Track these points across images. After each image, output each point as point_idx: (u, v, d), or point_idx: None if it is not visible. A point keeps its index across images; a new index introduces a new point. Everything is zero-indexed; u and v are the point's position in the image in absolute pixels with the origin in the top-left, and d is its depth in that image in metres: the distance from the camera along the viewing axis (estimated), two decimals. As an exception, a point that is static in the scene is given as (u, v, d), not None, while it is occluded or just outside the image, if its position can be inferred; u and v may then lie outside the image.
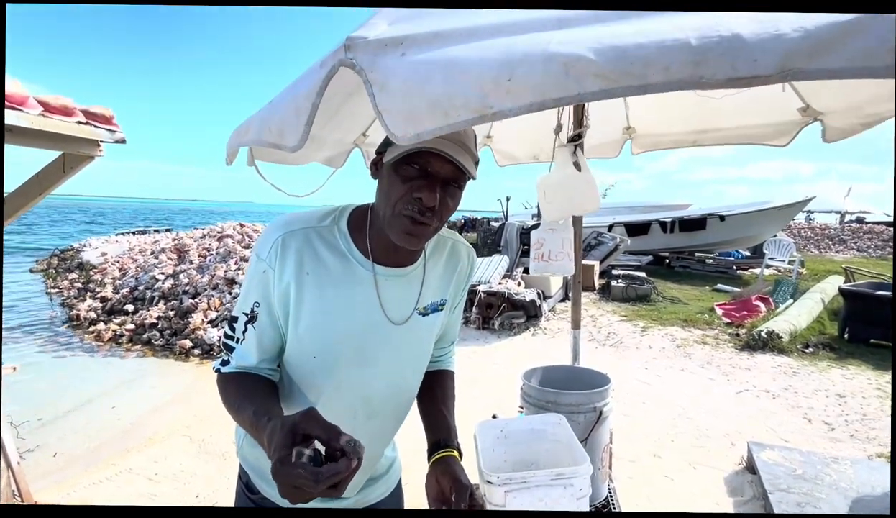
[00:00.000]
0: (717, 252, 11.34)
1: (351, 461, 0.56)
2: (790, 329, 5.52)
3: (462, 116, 0.55)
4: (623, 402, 3.90)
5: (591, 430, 1.76)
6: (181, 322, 5.72)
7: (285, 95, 0.71)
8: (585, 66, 0.49)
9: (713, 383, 4.47)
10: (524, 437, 1.42)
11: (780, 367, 4.88)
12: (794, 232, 19.85)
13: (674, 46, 0.47)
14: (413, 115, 0.57)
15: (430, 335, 0.95)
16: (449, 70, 0.55)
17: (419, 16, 0.68)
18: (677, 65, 0.47)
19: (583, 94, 0.50)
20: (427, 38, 0.59)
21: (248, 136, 0.81)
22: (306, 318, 0.81)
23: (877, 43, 0.42)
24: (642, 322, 6.44)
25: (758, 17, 0.46)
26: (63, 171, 2.25)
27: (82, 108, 2.06)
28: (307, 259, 0.80)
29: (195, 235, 8.46)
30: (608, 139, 2.34)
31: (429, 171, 0.75)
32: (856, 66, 0.44)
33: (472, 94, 0.53)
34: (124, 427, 3.58)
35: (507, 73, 0.52)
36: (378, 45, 0.60)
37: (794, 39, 0.44)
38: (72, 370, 4.87)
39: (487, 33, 0.56)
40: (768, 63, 0.44)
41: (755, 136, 1.93)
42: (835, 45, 0.44)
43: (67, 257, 11.50)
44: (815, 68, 0.45)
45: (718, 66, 0.46)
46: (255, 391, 0.80)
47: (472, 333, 5.99)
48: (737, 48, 0.45)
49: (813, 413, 3.84)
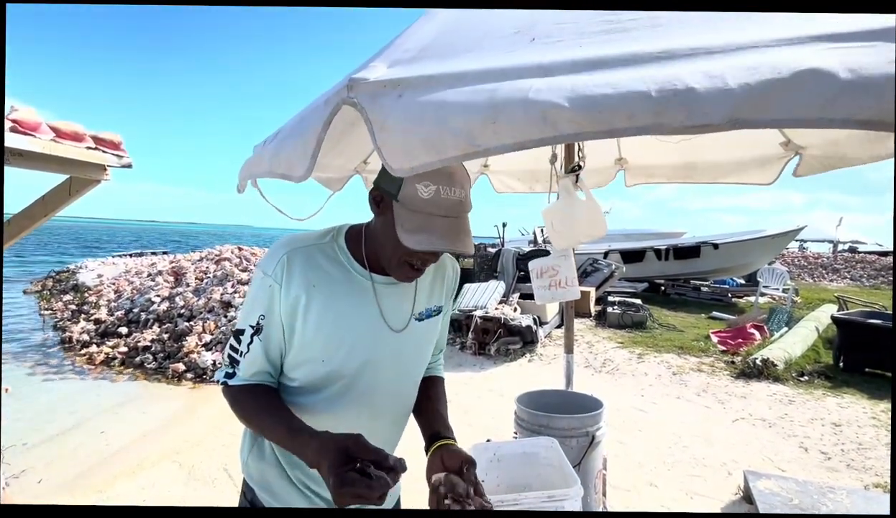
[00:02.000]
0: (712, 280, 11.42)
1: (398, 474, 0.71)
2: (785, 357, 5.53)
3: (452, 153, 0.61)
4: (619, 430, 3.87)
5: (584, 455, 1.77)
6: (175, 345, 5.68)
7: (293, 130, 0.78)
8: (560, 113, 0.56)
9: (709, 411, 4.45)
10: (517, 460, 1.43)
11: (775, 395, 4.87)
12: (788, 260, 20.07)
13: (637, 97, 0.54)
14: (409, 151, 0.63)
15: (428, 339, 1.02)
16: (441, 112, 0.61)
17: (416, 59, 0.75)
18: (640, 113, 0.54)
19: (558, 136, 0.57)
20: (421, 81, 0.66)
21: (260, 169, 0.88)
22: (315, 324, 0.87)
23: (810, 99, 0.49)
24: (638, 349, 6.44)
25: (710, 71, 0.53)
26: (69, 193, 2.30)
27: (92, 133, 2.14)
28: (312, 272, 0.87)
29: (193, 258, 8.48)
30: (600, 168, 2.43)
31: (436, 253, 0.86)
32: (793, 117, 0.51)
33: (461, 134, 0.60)
34: (112, 452, 3.51)
35: (492, 116, 0.58)
36: (377, 86, 0.67)
37: (741, 94, 0.51)
38: (61, 393, 4.79)
39: (476, 78, 0.63)
40: (718, 114, 0.51)
41: (743, 173, 2.02)
42: (775, 99, 0.51)
43: (63, 279, 11.44)
44: (759, 119, 0.51)
45: (675, 115, 0.53)
46: (276, 405, 0.87)
47: (468, 359, 5.96)
48: (691, 100, 0.52)
49: (809, 442, 3.82)
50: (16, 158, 1.89)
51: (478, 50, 0.73)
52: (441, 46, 0.79)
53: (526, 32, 0.74)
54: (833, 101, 0.48)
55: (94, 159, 2.13)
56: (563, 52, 0.66)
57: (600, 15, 0.75)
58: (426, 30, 0.85)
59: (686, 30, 0.64)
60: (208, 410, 4.27)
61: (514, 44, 0.74)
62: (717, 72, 0.53)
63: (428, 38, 0.81)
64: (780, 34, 0.56)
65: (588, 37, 0.70)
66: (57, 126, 1.98)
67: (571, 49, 0.64)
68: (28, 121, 1.86)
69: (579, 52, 0.64)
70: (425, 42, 0.80)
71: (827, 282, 17.41)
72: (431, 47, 0.78)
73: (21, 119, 1.83)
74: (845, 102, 0.47)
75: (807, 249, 26.50)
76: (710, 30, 0.65)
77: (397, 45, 0.80)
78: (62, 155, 1.96)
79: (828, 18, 0.61)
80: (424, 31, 0.85)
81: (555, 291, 2.04)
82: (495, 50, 0.72)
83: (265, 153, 0.87)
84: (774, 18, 0.63)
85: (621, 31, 0.69)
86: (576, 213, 1.94)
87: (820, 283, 16.84)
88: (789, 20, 0.62)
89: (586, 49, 0.65)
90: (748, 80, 0.51)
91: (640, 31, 0.68)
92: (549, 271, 2.07)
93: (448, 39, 0.80)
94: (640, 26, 0.69)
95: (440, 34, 0.84)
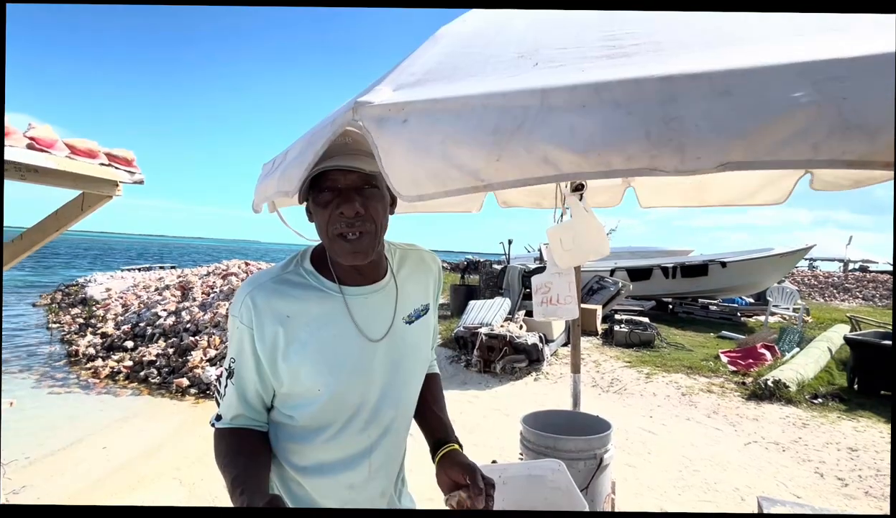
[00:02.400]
0: (721, 298, 11.28)
1: None
2: (797, 378, 5.40)
3: (457, 186, 0.64)
4: (628, 452, 3.78)
5: (592, 479, 1.73)
6: (180, 360, 5.68)
7: (302, 151, 0.80)
8: (561, 155, 0.59)
9: (720, 434, 4.34)
10: (522, 483, 1.40)
11: (788, 417, 4.74)
12: (798, 279, 19.79)
13: (634, 142, 0.57)
14: (416, 181, 0.66)
15: (422, 339, 1.00)
16: (445, 146, 0.63)
17: (420, 82, 0.76)
18: (637, 156, 0.57)
19: (559, 175, 0.60)
20: (426, 105, 0.67)
21: (271, 191, 0.90)
22: (298, 354, 0.86)
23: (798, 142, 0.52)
24: (646, 368, 6.33)
25: (706, 112, 0.56)
26: (81, 209, 2.34)
27: (106, 150, 2.19)
28: (282, 304, 0.86)
29: (200, 272, 8.55)
30: (609, 188, 2.42)
31: (339, 188, 0.82)
32: (780, 160, 0.54)
33: (466, 169, 0.63)
34: (113, 468, 3.49)
35: (496, 154, 0.61)
36: (382, 110, 0.68)
37: (731, 140, 0.54)
38: (65, 407, 4.80)
39: (480, 105, 0.64)
40: (709, 161, 0.55)
41: (755, 195, 2.01)
42: (763, 144, 0.54)
43: (72, 292, 11.57)
44: (747, 162, 0.55)
45: (669, 161, 0.56)
46: (239, 455, 0.87)
47: (473, 377, 5.90)
48: (684, 146, 0.55)
49: (825, 467, 3.70)
50: (31, 174, 1.94)
51: (481, 74, 0.75)
52: (445, 70, 0.80)
53: (529, 57, 0.76)
54: (820, 144, 0.51)
55: (107, 175, 2.17)
56: (566, 76, 0.67)
57: (602, 40, 0.77)
58: (431, 53, 0.87)
59: (686, 55, 0.65)
60: (209, 427, 4.24)
61: (518, 68, 0.75)
62: (711, 114, 0.55)
63: (432, 62, 0.83)
64: (776, 58, 0.56)
65: (590, 61, 0.71)
66: (73, 143, 2.03)
67: (574, 74, 0.65)
68: (45, 138, 1.91)
69: (581, 76, 0.65)
70: (430, 65, 0.81)
71: (838, 301, 17.14)
72: (436, 71, 0.79)
73: (38, 137, 1.88)
74: (833, 144, 0.50)
75: (817, 268, 26.14)
76: (709, 51, 0.66)
77: (402, 69, 0.82)
78: (76, 171, 2.01)
79: (826, 40, 0.61)
80: (429, 55, 0.86)
81: (546, 308, 2.03)
82: (499, 74, 0.73)
83: (276, 172, 0.88)
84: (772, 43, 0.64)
85: (623, 56, 0.70)
86: (581, 231, 1.94)
87: (831, 303, 16.57)
88: (787, 44, 0.62)
89: (588, 73, 0.66)
90: (739, 124, 0.54)
91: (641, 54, 0.69)
92: (542, 287, 2.07)
93: (452, 63, 0.81)
94: (642, 50, 0.70)
95: (445, 57, 0.85)
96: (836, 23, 0.66)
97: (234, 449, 0.87)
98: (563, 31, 0.85)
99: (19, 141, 1.80)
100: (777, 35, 0.70)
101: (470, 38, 0.92)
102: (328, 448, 0.90)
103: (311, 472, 0.91)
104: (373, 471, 0.93)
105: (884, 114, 0.48)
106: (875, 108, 0.49)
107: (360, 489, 0.92)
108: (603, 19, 0.84)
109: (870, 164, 0.49)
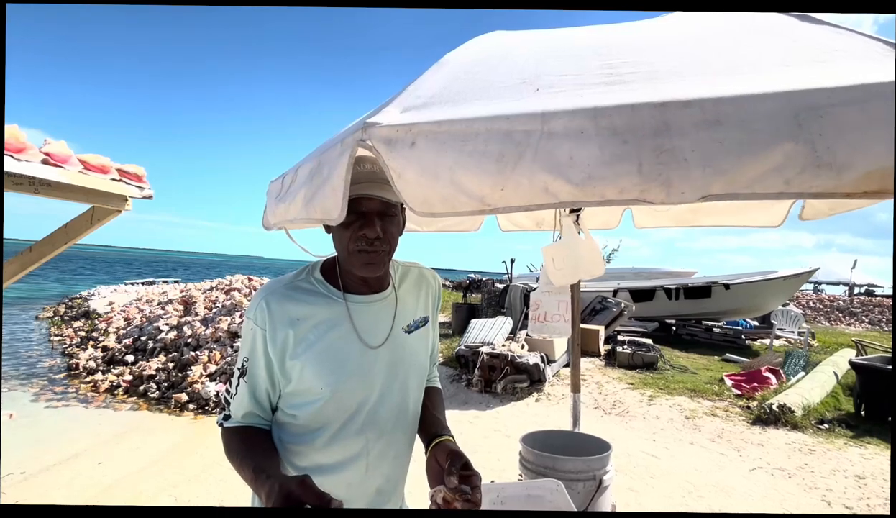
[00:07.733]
0: (724, 320, 11.19)
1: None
2: (803, 403, 5.32)
3: (465, 209, 0.72)
4: (630, 475, 3.71)
5: (591, 500, 1.71)
6: (179, 375, 5.66)
7: (316, 174, 0.85)
8: (560, 186, 0.67)
9: (725, 459, 4.26)
10: (521, 503, 1.39)
11: (794, 443, 4.66)
12: (803, 303, 19.66)
13: (627, 175, 0.64)
14: (427, 202, 0.73)
15: (421, 348, 1.06)
16: (454, 174, 0.71)
17: (427, 105, 0.80)
18: (628, 189, 0.65)
19: (558, 203, 0.68)
20: (431, 128, 0.71)
21: (290, 215, 0.95)
22: (306, 355, 0.91)
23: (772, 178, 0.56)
24: (649, 391, 6.26)
25: (692, 144, 0.62)
26: (90, 222, 2.39)
27: (118, 166, 2.25)
28: (293, 308, 0.93)
29: (203, 287, 8.58)
30: (607, 209, 2.46)
31: (363, 211, 0.91)
32: (755, 192, 0.60)
33: (474, 195, 0.70)
34: (108, 484, 3.45)
35: (501, 183, 0.69)
36: (391, 131, 0.72)
37: (712, 175, 0.60)
38: (62, 421, 4.76)
39: (484, 129, 0.70)
40: (692, 194, 0.63)
41: (747, 216, 2.05)
42: (742, 178, 0.60)
43: (75, 305, 11.60)
44: (724, 194, 0.62)
45: (657, 194, 0.64)
46: (255, 447, 0.91)
47: (473, 397, 5.84)
48: (671, 181, 0.63)
49: (832, 495, 3.62)
50: (44, 188, 1.99)
51: (485, 98, 0.79)
52: (451, 93, 0.84)
53: (531, 83, 0.80)
54: (791, 180, 0.58)
55: (117, 190, 2.22)
56: (566, 101, 0.71)
57: (601, 67, 0.81)
58: (437, 78, 0.91)
59: (679, 84, 0.69)
60: (207, 443, 4.20)
61: (520, 93, 0.79)
62: (700, 146, 0.61)
63: (438, 86, 0.87)
64: (763, 87, 0.61)
65: (589, 88, 0.75)
66: (86, 159, 2.09)
67: (573, 100, 0.70)
68: (59, 154, 1.96)
69: (580, 101, 0.69)
70: (435, 89, 0.85)
71: (844, 325, 16.97)
72: (441, 94, 0.84)
73: (53, 152, 1.93)
74: (804, 180, 0.55)
75: (822, 291, 25.98)
76: (701, 79, 0.70)
77: (409, 92, 0.86)
78: (87, 186, 2.06)
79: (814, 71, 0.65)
80: (435, 79, 0.91)
81: (534, 324, 2.08)
82: (502, 99, 0.77)
83: (294, 198, 0.93)
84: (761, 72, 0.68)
85: (620, 83, 0.74)
86: (575, 251, 1.97)
87: (837, 327, 16.41)
88: (776, 74, 0.66)
89: (587, 99, 0.70)
90: (723, 160, 0.60)
91: (637, 83, 0.73)
92: (534, 304, 2.12)
93: (457, 87, 0.85)
94: (638, 79, 0.74)
95: (450, 82, 0.89)
96: (821, 55, 0.70)
97: (248, 444, 0.91)
98: (563, 58, 0.90)
99: (35, 156, 1.85)
100: (767, 65, 0.74)
101: (474, 64, 0.97)
102: (328, 448, 0.94)
103: (310, 471, 0.93)
104: (370, 470, 0.97)
105: (854, 150, 0.52)
106: (847, 143, 0.53)
107: (357, 486, 0.97)
108: (601, 48, 0.88)
109: (832, 195, 0.55)
